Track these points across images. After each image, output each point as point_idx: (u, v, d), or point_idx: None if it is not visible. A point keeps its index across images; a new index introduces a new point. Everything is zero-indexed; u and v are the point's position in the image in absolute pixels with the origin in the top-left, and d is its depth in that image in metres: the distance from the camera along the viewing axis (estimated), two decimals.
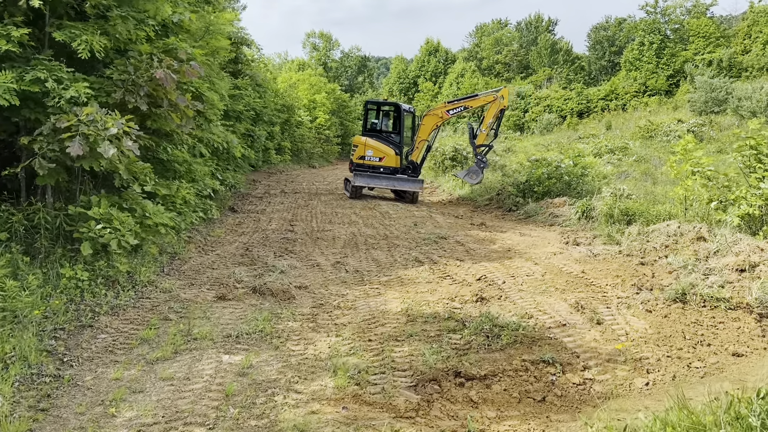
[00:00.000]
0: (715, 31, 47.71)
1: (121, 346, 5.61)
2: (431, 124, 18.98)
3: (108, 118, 6.32)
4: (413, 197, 18.85)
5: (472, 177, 18.54)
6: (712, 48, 46.61)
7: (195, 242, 10.23)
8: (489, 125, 17.95)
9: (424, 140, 19.27)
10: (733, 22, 52.91)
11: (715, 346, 5.70)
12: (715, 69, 42.30)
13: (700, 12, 50.43)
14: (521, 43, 70.23)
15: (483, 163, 18.22)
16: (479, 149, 18.14)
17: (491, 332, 5.79)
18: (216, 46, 10.33)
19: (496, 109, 17.76)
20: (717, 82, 35.46)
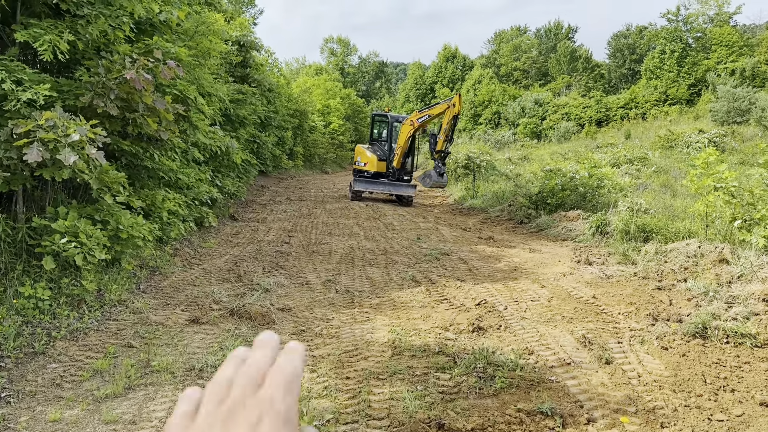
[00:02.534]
0: (739, 39, 46.59)
1: (70, 378, 5.03)
2: (406, 132, 19.93)
3: (70, 124, 5.77)
4: (408, 201, 20.24)
5: (426, 181, 18.83)
6: (735, 57, 45.52)
7: (182, 255, 9.68)
8: (445, 131, 18.21)
9: (400, 147, 20.30)
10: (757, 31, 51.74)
11: (740, 392, 4.99)
12: (737, 78, 41.25)
13: (723, 20, 49.33)
14: (540, 50, 69.44)
15: (440, 168, 18.47)
16: (437, 155, 18.51)
17: (485, 372, 5.13)
18: (207, 47, 9.80)
19: (450, 115, 17.98)
20: (740, 92, 34.44)
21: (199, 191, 11.25)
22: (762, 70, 42.92)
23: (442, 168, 18.45)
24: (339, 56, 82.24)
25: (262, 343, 0.58)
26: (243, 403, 0.52)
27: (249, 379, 0.54)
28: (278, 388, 0.53)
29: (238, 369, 0.55)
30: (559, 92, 58.12)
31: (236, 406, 0.52)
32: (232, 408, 0.52)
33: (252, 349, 0.57)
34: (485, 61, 71.65)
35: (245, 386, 0.53)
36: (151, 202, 8.49)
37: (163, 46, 7.78)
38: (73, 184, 7.67)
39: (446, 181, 19.10)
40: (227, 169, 14.80)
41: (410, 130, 19.78)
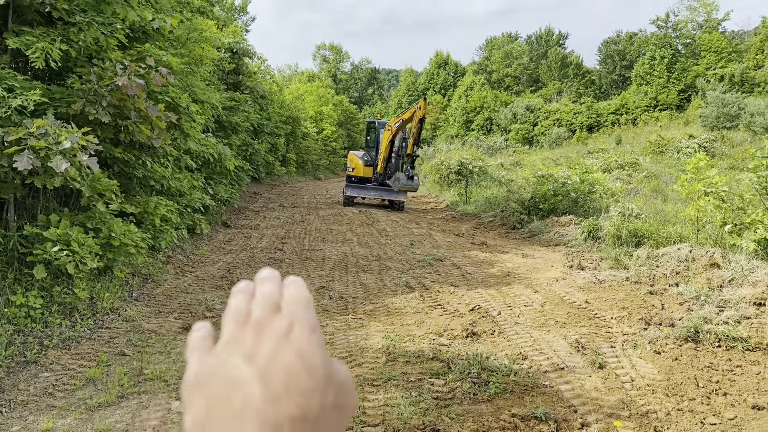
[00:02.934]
0: (727, 46, 47.02)
1: (63, 387, 5.00)
2: (386, 138, 20.46)
3: (62, 131, 5.76)
4: (400, 206, 20.56)
5: (395, 183, 19.17)
6: (724, 63, 45.92)
7: (174, 262, 9.65)
8: (413, 135, 18.54)
9: (381, 152, 20.84)
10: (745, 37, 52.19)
11: (732, 396, 5.02)
12: (727, 84, 41.62)
13: (711, 27, 49.77)
14: (531, 56, 69.79)
15: (409, 171, 18.78)
16: (407, 158, 18.94)
17: (479, 378, 5.14)
18: (200, 55, 9.79)
19: (416, 119, 18.29)
20: (729, 98, 34.73)
21: (191, 198, 11.22)
22: (750, 75, 43.32)
23: (411, 171, 18.82)
24: (331, 63, 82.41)
25: (267, 277, 0.58)
26: (268, 319, 0.53)
27: (266, 304, 0.54)
28: (298, 305, 0.54)
29: (250, 300, 0.56)
30: (550, 98, 58.41)
31: (262, 322, 0.53)
32: (257, 325, 0.53)
33: (257, 284, 0.57)
34: (477, 68, 71.92)
35: (264, 309, 0.54)
36: (144, 209, 8.46)
37: (155, 53, 7.79)
38: (65, 191, 7.65)
39: (417, 184, 19.35)
40: (220, 176, 14.79)
41: (389, 135, 20.23)
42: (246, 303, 0.56)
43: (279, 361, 0.50)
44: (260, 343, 0.52)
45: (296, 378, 0.49)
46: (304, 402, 0.48)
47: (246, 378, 0.50)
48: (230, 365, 0.51)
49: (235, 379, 0.50)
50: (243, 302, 0.56)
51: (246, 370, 0.50)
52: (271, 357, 0.50)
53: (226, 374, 0.51)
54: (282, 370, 0.49)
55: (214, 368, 0.52)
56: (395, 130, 19.94)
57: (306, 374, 0.49)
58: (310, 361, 0.50)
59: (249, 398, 0.48)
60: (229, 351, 0.53)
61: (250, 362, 0.50)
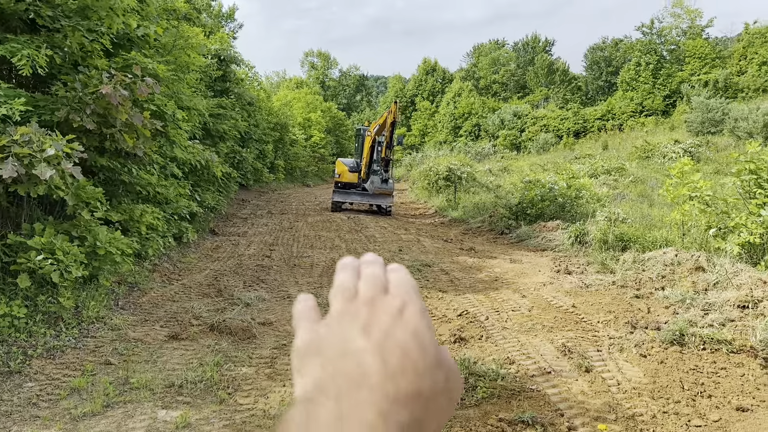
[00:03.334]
0: (711, 52, 47.59)
1: (47, 397, 4.95)
2: (367, 143, 20.92)
3: (46, 139, 5.72)
4: (387, 211, 20.73)
5: (370, 186, 19.78)
6: (708, 69, 46.46)
7: (161, 270, 9.59)
8: (385, 138, 19.11)
9: (364, 158, 21.23)
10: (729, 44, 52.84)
11: (717, 398, 5.07)
12: (711, 89, 42.10)
13: (695, 33, 50.37)
14: (518, 63, 70.24)
15: (383, 174, 19.37)
16: (381, 162, 19.49)
17: (466, 383, 5.15)
18: (186, 62, 9.77)
19: (387, 123, 18.82)
20: (713, 103, 35.11)
21: (178, 206, 11.17)
22: (734, 81, 43.87)
23: (385, 174, 19.29)
24: (319, 70, 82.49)
25: (372, 261, 0.59)
26: (380, 298, 0.53)
27: (376, 284, 0.54)
28: (408, 288, 0.55)
29: (356, 278, 0.56)
30: (537, 104, 58.81)
31: (374, 299, 0.53)
32: (370, 301, 0.53)
33: (363, 264, 0.58)
34: (465, 74, 72.26)
35: (375, 288, 0.54)
36: (129, 217, 8.41)
37: (141, 61, 7.76)
38: (49, 200, 7.58)
39: (391, 187, 19.67)
40: (207, 183, 14.73)
41: (370, 141, 20.63)
42: (353, 280, 0.56)
43: (395, 338, 0.50)
44: (375, 318, 0.52)
45: (412, 357, 0.49)
46: (419, 381, 0.49)
47: (363, 350, 0.50)
48: (346, 336, 0.52)
49: (352, 351, 0.50)
50: (350, 279, 0.56)
51: (362, 342, 0.50)
52: (387, 333, 0.51)
53: (342, 344, 0.51)
54: (398, 347, 0.50)
55: (329, 337, 0.53)
56: (373, 135, 20.43)
57: (421, 354, 0.50)
58: (423, 341, 0.51)
59: (367, 371, 0.48)
60: (343, 322, 0.53)
61: (367, 336, 0.51)
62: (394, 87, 72.46)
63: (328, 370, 0.50)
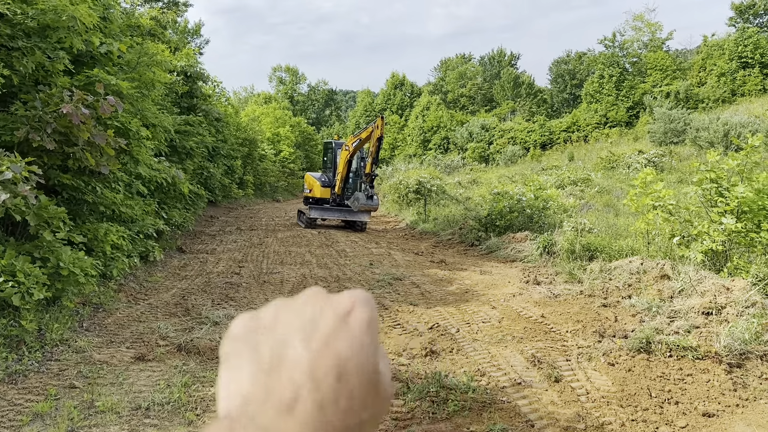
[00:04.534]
0: (672, 64, 48.89)
1: (9, 423, 4.80)
2: (343, 158, 20.33)
3: (4, 161, 5.59)
4: (362, 227, 20.31)
5: (354, 203, 18.89)
6: (669, 80, 47.68)
7: (126, 290, 9.41)
8: (371, 154, 18.39)
9: (339, 172, 20.68)
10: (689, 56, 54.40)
11: (683, 404, 5.15)
12: (672, 101, 43.19)
13: (656, 46, 51.71)
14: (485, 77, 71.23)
15: (369, 191, 18.48)
16: (366, 177, 18.59)
17: (438, 396, 5.14)
18: (151, 79, 9.67)
19: (373, 138, 18.24)
20: (675, 114, 36.02)
21: (144, 224, 10.99)
22: (695, 92, 45.12)
23: (370, 190, 18.54)
24: (288, 84, 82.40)
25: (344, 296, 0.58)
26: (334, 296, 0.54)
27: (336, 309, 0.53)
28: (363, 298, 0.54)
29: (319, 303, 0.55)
30: (504, 117, 59.60)
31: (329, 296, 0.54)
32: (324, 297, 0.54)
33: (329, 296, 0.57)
34: (432, 88, 72.92)
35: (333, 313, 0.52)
36: (93, 236, 8.24)
37: (104, 78, 7.65)
38: (11, 220, 7.40)
39: (377, 204, 18.97)
40: (174, 200, 14.54)
41: (346, 155, 20.13)
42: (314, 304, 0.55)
43: (334, 350, 0.49)
44: (323, 315, 0.51)
45: (347, 383, 0.48)
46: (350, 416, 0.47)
47: (298, 362, 0.49)
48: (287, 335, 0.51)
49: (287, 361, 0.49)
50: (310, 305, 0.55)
51: (300, 350, 0.49)
52: (327, 340, 0.49)
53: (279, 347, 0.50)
54: (335, 366, 0.48)
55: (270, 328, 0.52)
56: (352, 149, 19.87)
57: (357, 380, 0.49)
58: (363, 361, 0.49)
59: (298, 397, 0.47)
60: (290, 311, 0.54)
61: (307, 341, 0.49)
62: (363, 101, 72.71)
63: (258, 386, 0.49)
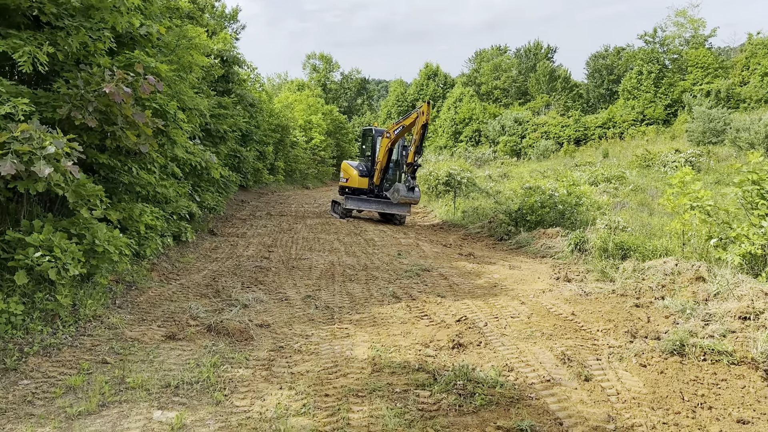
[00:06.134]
0: (714, 62, 47.65)
1: (42, 395, 4.91)
2: (384, 146, 19.26)
3: (47, 136, 5.69)
4: (401, 220, 19.39)
5: (394, 195, 17.87)
6: (711, 78, 46.50)
7: (159, 270, 9.55)
8: (414, 142, 17.25)
9: (378, 161, 19.68)
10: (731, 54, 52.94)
11: (717, 409, 5.03)
12: (713, 99, 42.13)
13: (698, 42, 50.45)
14: (520, 69, 70.34)
15: (410, 182, 17.41)
16: (407, 168, 17.54)
17: (465, 389, 5.11)
18: (189, 62, 9.74)
19: (418, 125, 17.09)
20: (715, 113, 35.14)
21: (177, 206, 11.13)
22: (736, 92, 43.92)
23: (412, 182, 17.45)
24: (321, 72, 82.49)
25: None
26: None
27: None
28: None
29: None
30: (538, 111, 58.85)
31: None
32: None
33: None
34: (466, 80, 72.34)
35: None
36: (128, 215, 8.37)
37: (143, 60, 7.73)
38: (49, 197, 7.54)
39: (418, 196, 17.91)
40: (207, 183, 14.69)
41: (388, 143, 19.12)
42: None
43: None
44: None
45: None
46: None
47: None
48: None
49: None
50: None
51: None
52: None
53: None
54: None
55: None
56: (394, 137, 18.82)
57: None
58: None
59: None
60: None
61: None
62: (395, 91, 72.45)
63: None
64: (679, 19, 51.47)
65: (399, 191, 17.48)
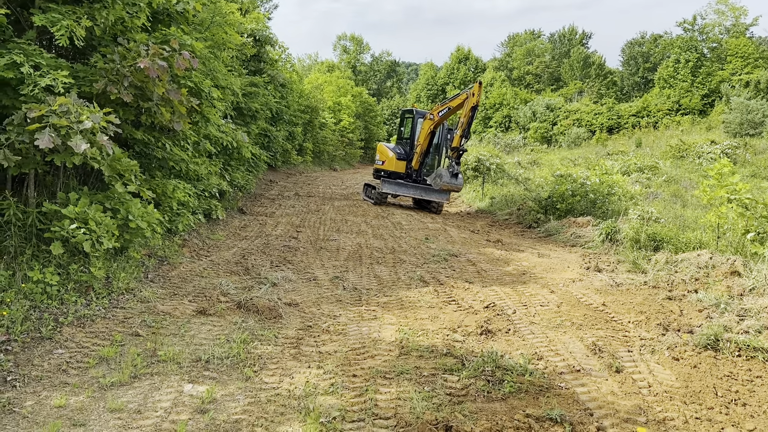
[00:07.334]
0: (755, 51, 46.30)
1: (76, 365, 5.00)
2: (426, 128, 18.19)
3: (83, 110, 5.74)
4: (437, 208, 18.34)
5: (436, 181, 16.76)
6: (751, 69, 45.23)
7: (190, 246, 9.66)
8: (461, 125, 16.05)
9: (419, 144, 18.53)
10: None
11: (751, 406, 4.92)
12: (752, 90, 40.97)
13: (739, 32, 49.06)
14: (553, 54, 69.26)
15: (454, 167, 16.29)
16: (452, 153, 16.39)
17: (493, 376, 5.07)
18: (223, 39, 9.75)
19: (468, 106, 15.92)
20: (754, 104, 34.21)
21: (209, 183, 11.22)
22: None
23: (456, 168, 16.24)
24: (351, 54, 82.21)
25: None
26: None
27: None
28: None
29: None
30: (570, 98, 57.94)
31: None
32: None
33: None
34: (498, 64, 71.45)
35: None
36: (162, 191, 8.46)
37: (179, 37, 7.75)
38: (85, 170, 7.65)
39: (461, 183, 16.70)
40: (237, 162, 14.78)
41: (430, 126, 17.98)
42: None
43: None
44: None
45: None
46: None
47: None
48: None
49: None
50: None
51: None
52: None
53: None
54: None
55: None
56: (438, 119, 17.67)
57: None
58: None
59: None
60: None
61: None
62: (425, 74, 71.90)
63: None
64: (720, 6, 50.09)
65: (442, 177, 16.39)
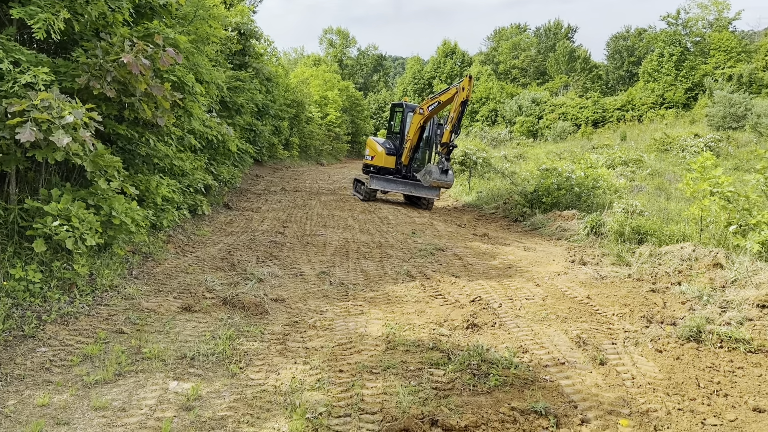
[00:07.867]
0: (737, 45, 46.72)
1: (60, 363, 4.96)
2: (416, 123, 17.80)
3: (65, 105, 5.67)
4: (428, 204, 18.04)
5: (425, 177, 16.37)
6: (733, 63, 45.66)
7: (175, 242, 9.60)
8: (451, 120, 15.75)
9: (408, 139, 18.16)
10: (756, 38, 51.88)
11: (733, 397, 4.98)
12: (734, 84, 41.38)
13: (722, 26, 49.45)
14: (539, 48, 69.42)
15: (444, 164, 15.95)
16: (442, 148, 16.08)
17: (479, 369, 5.10)
18: (207, 33, 9.67)
19: (458, 101, 15.64)
20: (736, 98, 34.56)
21: (194, 178, 11.15)
22: (759, 76, 43.07)
23: (446, 164, 15.95)
24: (338, 48, 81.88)
25: None
26: None
27: None
28: None
29: None
30: (556, 92, 58.18)
31: None
32: None
33: None
34: (484, 58, 71.55)
35: None
36: (146, 187, 8.39)
37: (162, 31, 7.68)
38: (67, 166, 7.56)
39: (452, 180, 16.43)
40: (223, 156, 14.68)
41: (420, 120, 17.59)
42: None
43: None
44: None
45: None
46: None
47: None
48: None
49: None
50: None
51: None
52: None
53: None
54: None
55: None
56: (428, 113, 17.29)
57: None
58: None
59: None
60: None
61: None
62: (412, 68, 71.84)
63: None
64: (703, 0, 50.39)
65: (432, 173, 16.02)
